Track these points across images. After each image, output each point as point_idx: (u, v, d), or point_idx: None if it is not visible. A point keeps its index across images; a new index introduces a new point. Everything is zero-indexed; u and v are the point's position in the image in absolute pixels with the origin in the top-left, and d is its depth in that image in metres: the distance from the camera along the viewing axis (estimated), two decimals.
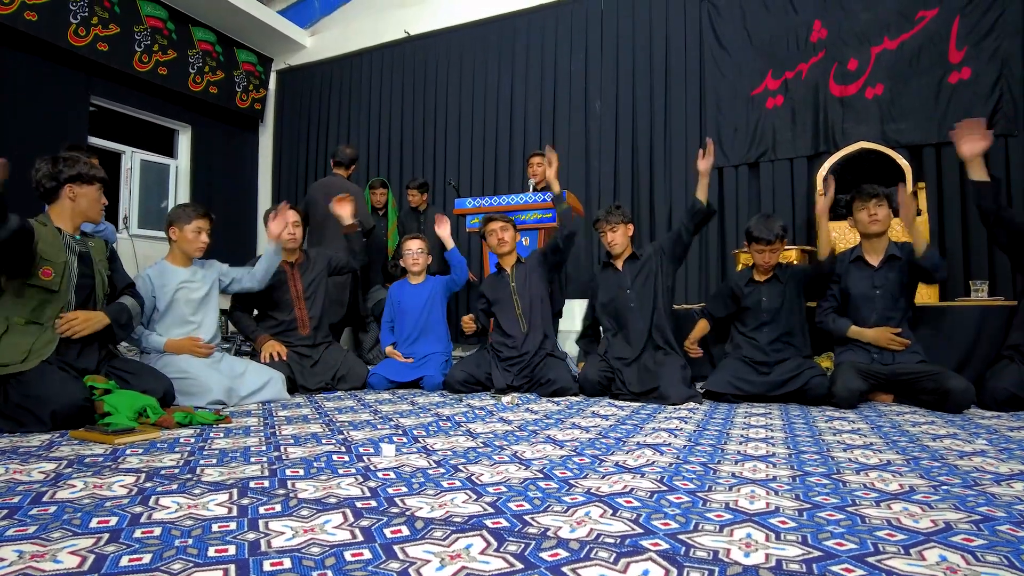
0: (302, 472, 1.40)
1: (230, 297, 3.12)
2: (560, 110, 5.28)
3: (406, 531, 0.99)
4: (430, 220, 4.80)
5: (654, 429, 2.03)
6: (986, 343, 2.87)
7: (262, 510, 1.10)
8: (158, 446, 1.69)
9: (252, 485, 1.27)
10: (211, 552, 0.89)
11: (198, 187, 6.15)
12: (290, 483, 1.29)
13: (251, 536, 0.96)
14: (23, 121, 4.58)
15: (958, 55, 3.92)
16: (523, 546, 0.93)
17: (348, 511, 1.10)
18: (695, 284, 4.62)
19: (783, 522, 1.06)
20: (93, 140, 5.25)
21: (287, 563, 0.85)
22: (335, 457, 1.56)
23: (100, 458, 1.52)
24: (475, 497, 1.20)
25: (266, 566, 0.84)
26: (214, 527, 1.00)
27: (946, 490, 1.28)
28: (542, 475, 1.39)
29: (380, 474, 1.39)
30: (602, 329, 3.13)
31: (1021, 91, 3.77)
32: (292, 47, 6.65)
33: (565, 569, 0.84)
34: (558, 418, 2.25)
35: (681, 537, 0.98)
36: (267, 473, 1.38)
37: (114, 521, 1.03)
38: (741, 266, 3.61)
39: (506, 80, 5.52)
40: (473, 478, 1.35)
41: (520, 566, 0.85)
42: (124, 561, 0.86)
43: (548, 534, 0.99)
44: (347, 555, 0.89)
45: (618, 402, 2.73)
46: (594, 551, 0.91)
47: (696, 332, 3.12)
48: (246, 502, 1.15)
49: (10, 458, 1.52)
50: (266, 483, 1.29)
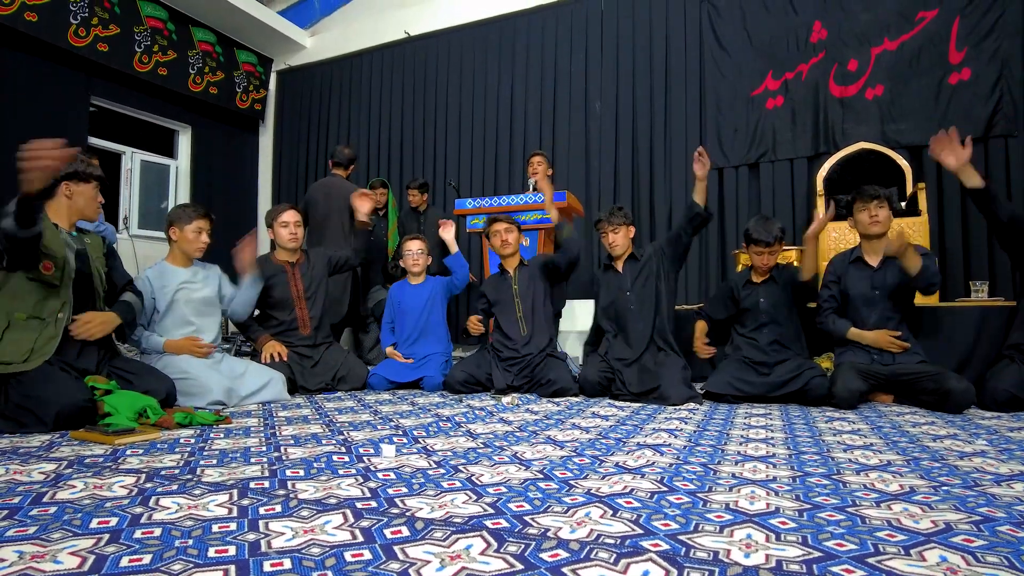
0: (302, 473, 1.40)
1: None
2: (560, 110, 5.28)
3: (406, 532, 0.99)
4: (430, 220, 4.80)
5: (654, 430, 2.03)
6: (986, 343, 2.87)
7: (262, 511, 1.10)
8: (158, 447, 1.69)
9: (252, 486, 1.27)
10: (211, 553, 0.89)
11: (198, 188, 6.16)
12: (290, 484, 1.29)
13: (251, 537, 0.96)
14: (23, 121, 4.58)
15: (958, 56, 3.92)
16: (523, 547, 0.93)
17: (348, 512, 1.10)
18: (695, 284, 4.63)
19: (783, 523, 1.06)
20: (93, 140, 5.26)
21: (287, 564, 0.85)
22: (335, 458, 1.56)
23: (100, 459, 1.52)
24: (475, 498, 1.20)
25: (266, 567, 0.84)
26: (214, 528, 1.00)
27: (946, 491, 1.28)
28: (542, 476, 1.39)
29: (380, 475, 1.39)
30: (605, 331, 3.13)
31: (1021, 92, 3.77)
32: (292, 47, 6.66)
33: (565, 570, 0.84)
34: (558, 419, 2.25)
35: (681, 538, 0.98)
36: (267, 474, 1.38)
37: (114, 522, 1.03)
38: (741, 267, 3.61)
39: (506, 80, 5.53)
40: (473, 479, 1.35)
41: (520, 567, 0.85)
42: (124, 562, 0.86)
43: (548, 535, 0.99)
44: (347, 556, 0.89)
45: (618, 403, 2.73)
46: (594, 552, 0.91)
47: (699, 334, 3.11)
48: (246, 503, 1.15)
49: (10, 458, 1.52)
50: (266, 484, 1.29)
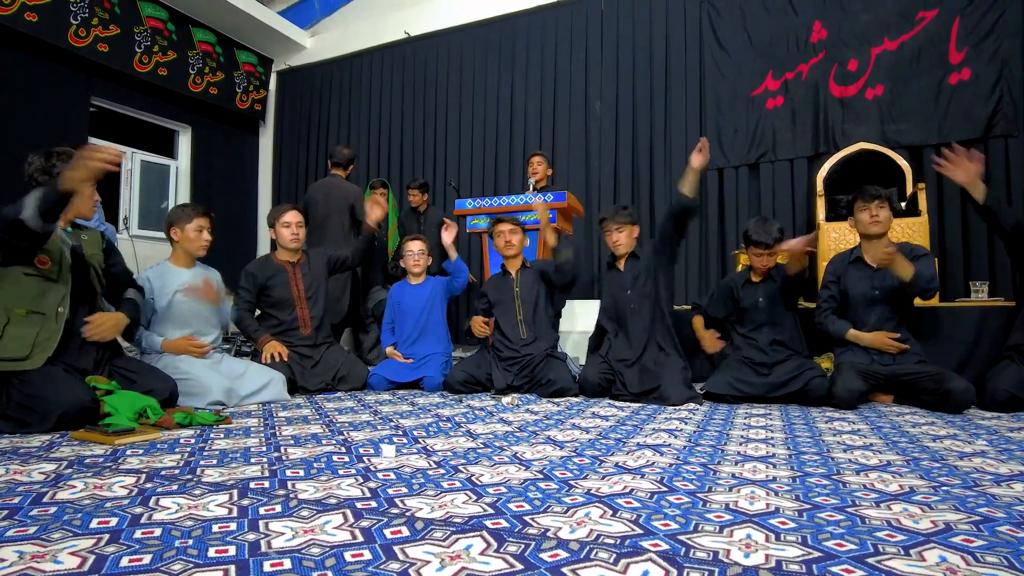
0: (302, 473, 1.40)
1: (233, 297, 3.13)
2: (560, 110, 5.28)
3: (406, 532, 1.00)
4: (430, 220, 4.80)
5: (654, 430, 2.03)
6: (986, 344, 2.87)
7: (262, 511, 1.10)
8: (158, 447, 1.69)
9: (252, 486, 1.27)
10: (211, 553, 0.89)
11: (198, 188, 6.16)
12: (290, 484, 1.29)
13: (251, 537, 0.96)
14: (23, 121, 4.58)
15: (958, 56, 3.92)
16: (523, 547, 0.93)
17: (348, 512, 1.10)
18: (695, 284, 4.63)
19: (783, 523, 1.06)
20: (93, 141, 5.25)
21: (287, 564, 0.86)
22: (335, 458, 1.56)
23: (100, 459, 1.52)
24: (475, 498, 1.20)
25: (266, 567, 0.84)
26: (214, 528, 1.00)
27: (946, 491, 1.28)
28: (542, 476, 1.39)
29: (380, 475, 1.39)
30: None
31: (1021, 92, 3.78)
32: (292, 48, 6.66)
33: (565, 570, 0.84)
34: (558, 419, 2.25)
35: (681, 538, 0.98)
36: (267, 474, 1.38)
37: (114, 522, 1.03)
38: (741, 267, 3.61)
39: (506, 81, 5.53)
40: (473, 479, 1.36)
41: (520, 567, 0.85)
42: (124, 562, 0.86)
43: (548, 535, 0.99)
44: (347, 556, 0.89)
45: (618, 403, 2.73)
46: (594, 552, 0.91)
47: (701, 328, 3.09)
48: (246, 503, 1.15)
49: (10, 459, 1.52)
50: (266, 484, 1.29)
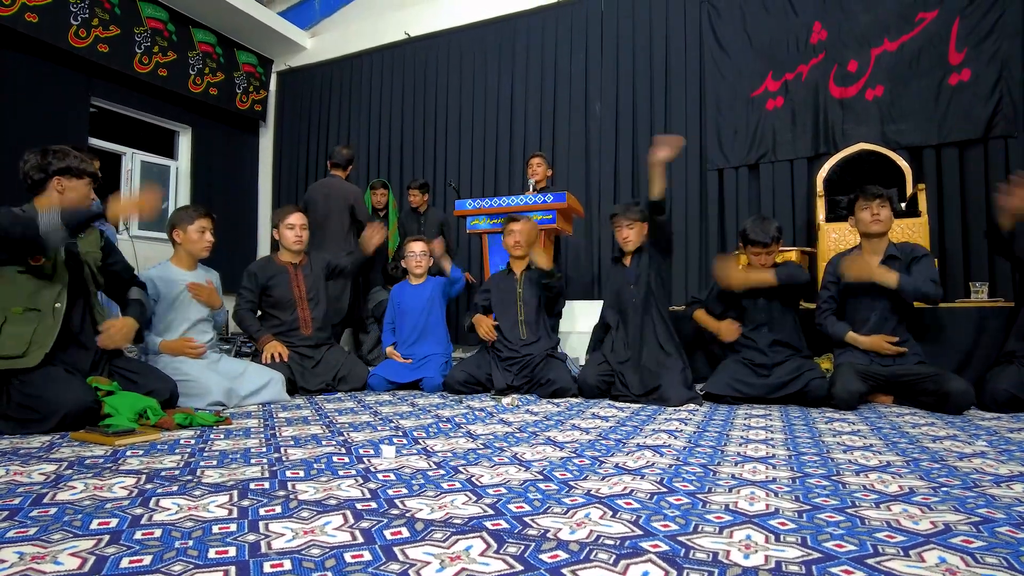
0: (302, 474, 1.40)
1: (235, 297, 3.13)
2: (560, 111, 5.28)
3: (406, 533, 1.00)
4: (431, 221, 4.82)
5: (654, 431, 2.03)
6: (986, 345, 2.87)
7: (262, 512, 1.10)
8: (158, 448, 1.69)
9: (252, 487, 1.27)
10: (211, 554, 0.89)
11: (198, 188, 6.16)
12: (290, 485, 1.29)
13: (251, 538, 0.96)
14: (23, 122, 4.59)
15: (958, 57, 3.92)
16: (523, 548, 0.93)
17: (348, 513, 1.10)
18: (695, 284, 4.63)
19: (783, 524, 1.06)
20: (93, 141, 5.26)
21: (287, 565, 0.86)
22: (335, 459, 1.56)
23: (100, 460, 1.52)
24: (475, 499, 1.20)
25: (266, 568, 0.85)
26: (214, 529, 1.00)
27: (946, 492, 1.28)
28: (542, 477, 1.39)
29: (380, 476, 1.39)
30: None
31: (1021, 93, 3.78)
32: (292, 48, 6.67)
33: (565, 571, 0.85)
34: (558, 419, 2.25)
35: (681, 539, 0.98)
36: (267, 475, 1.38)
37: (114, 523, 1.03)
38: (742, 267, 3.61)
39: (506, 81, 5.53)
40: (473, 480, 1.36)
41: (520, 568, 0.86)
42: (125, 563, 0.86)
43: (548, 536, 0.99)
44: (347, 557, 0.89)
45: (618, 403, 2.73)
46: (594, 553, 0.91)
47: (710, 320, 3.02)
48: (246, 504, 1.15)
49: (11, 459, 1.52)
50: (266, 485, 1.29)
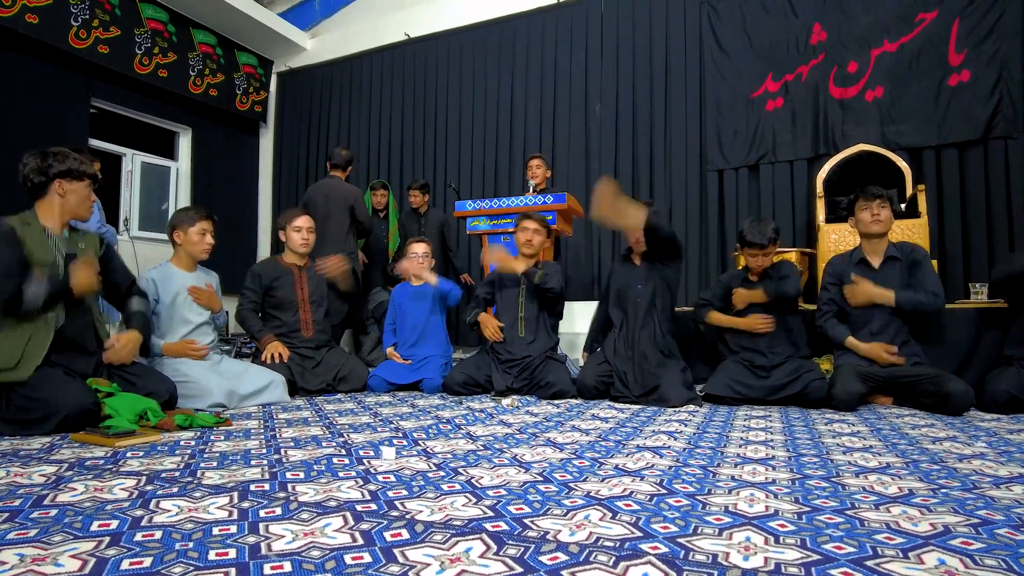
0: (302, 475, 1.40)
1: (238, 296, 3.14)
2: (560, 112, 5.28)
3: (406, 534, 1.00)
4: (431, 222, 4.82)
5: (654, 432, 2.03)
6: (986, 346, 2.87)
7: (262, 513, 1.10)
8: (159, 449, 1.69)
9: (252, 488, 1.28)
10: (212, 555, 0.90)
11: (199, 189, 6.16)
12: (290, 486, 1.30)
13: (251, 539, 0.96)
14: (24, 123, 4.59)
15: (958, 57, 3.93)
16: (523, 549, 0.93)
17: (348, 514, 1.10)
18: (695, 285, 4.63)
19: (782, 525, 1.06)
20: (94, 142, 5.26)
21: (287, 566, 0.86)
22: (335, 460, 1.57)
23: (101, 461, 1.52)
24: (475, 500, 1.20)
25: (266, 569, 0.85)
26: (215, 530, 1.00)
27: (945, 493, 1.28)
28: (542, 478, 1.39)
29: (380, 477, 1.39)
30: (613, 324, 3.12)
31: (1021, 93, 3.78)
32: (293, 49, 6.67)
33: (564, 572, 0.85)
34: (558, 421, 2.25)
35: (680, 541, 0.98)
36: (267, 476, 1.38)
37: (115, 524, 1.03)
38: (741, 267, 3.61)
39: (506, 82, 5.53)
40: (473, 481, 1.36)
41: (520, 570, 0.86)
42: (125, 564, 0.86)
43: (548, 537, 0.99)
44: (347, 558, 0.89)
45: (618, 404, 2.73)
46: (593, 554, 0.91)
47: (729, 318, 2.93)
48: (246, 505, 1.15)
49: (11, 461, 1.52)
50: (266, 486, 1.29)
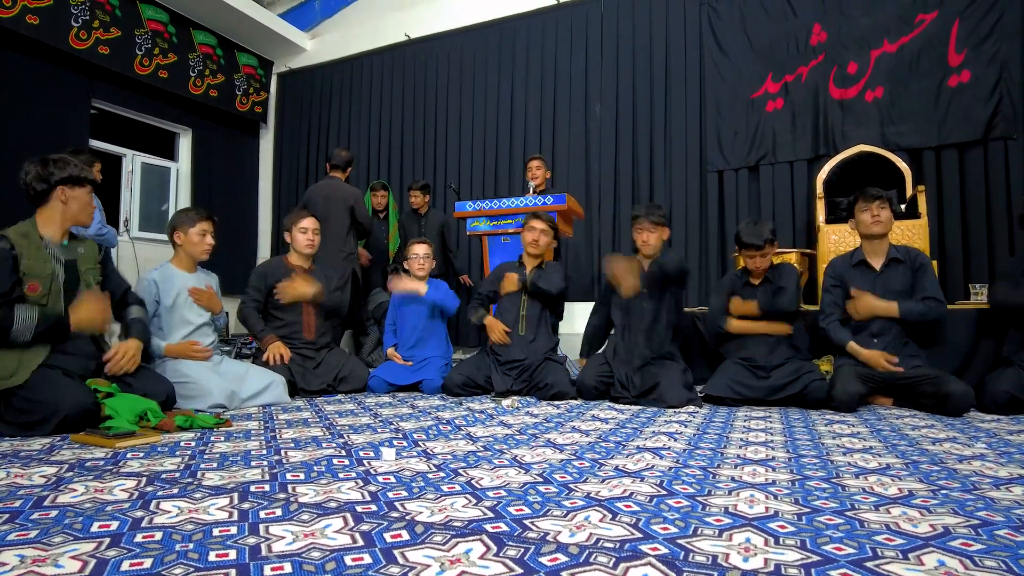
0: (302, 476, 1.40)
1: (241, 296, 3.14)
2: (560, 113, 5.28)
3: (406, 535, 1.00)
4: (431, 223, 4.83)
5: (654, 433, 2.03)
6: (985, 346, 2.87)
7: (263, 514, 1.10)
8: (159, 450, 1.69)
9: (253, 489, 1.28)
10: (212, 557, 0.90)
11: (199, 190, 6.16)
12: (291, 487, 1.30)
13: (252, 540, 0.97)
14: (24, 124, 4.59)
15: (958, 58, 3.93)
16: (523, 551, 0.93)
17: (348, 515, 1.10)
18: (695, 287, 4.63)
19: (782, 526, 1.06)
20: (94, 143, 5.27)
21: (287, 568, 0.86)
22: (335, 461, 1.57)
23: (101, 462, 1.53)
24: (475, 501, 1.20)
25: (267, 571, 0.85)
26: (215, 531, 1.01)
27: (945, 494, 1.28)
28: (542, 479, 1.39)
29: (380, 478, 1.39)
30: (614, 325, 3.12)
31: (1020, 94, 3.78)
32: (293, 50, 6.67)
33: (564, 574, 0.85)
34: (558, 422, 2.25)
35: (680, 542, 0.98)
36: (268, 477, 1.39)
37: (115, 525, 1.03)
38: (741, 268, 3.61)
39: (506, 83, 5.53)
40: (473, 482, 1.36)
41: (520, 571, 0.86)
42: (125, 566, 0.86)
43: (548, 538, 0.99)
44: (347, 560, 0.89)
45: (618, 405, 2.73)
46: (593, 556, 0.91)
47: (759, 326, 2.88)
48: (247, 506, 1.15)
49: (11, 462, 1.52)
50: (267, 487, 1.30)
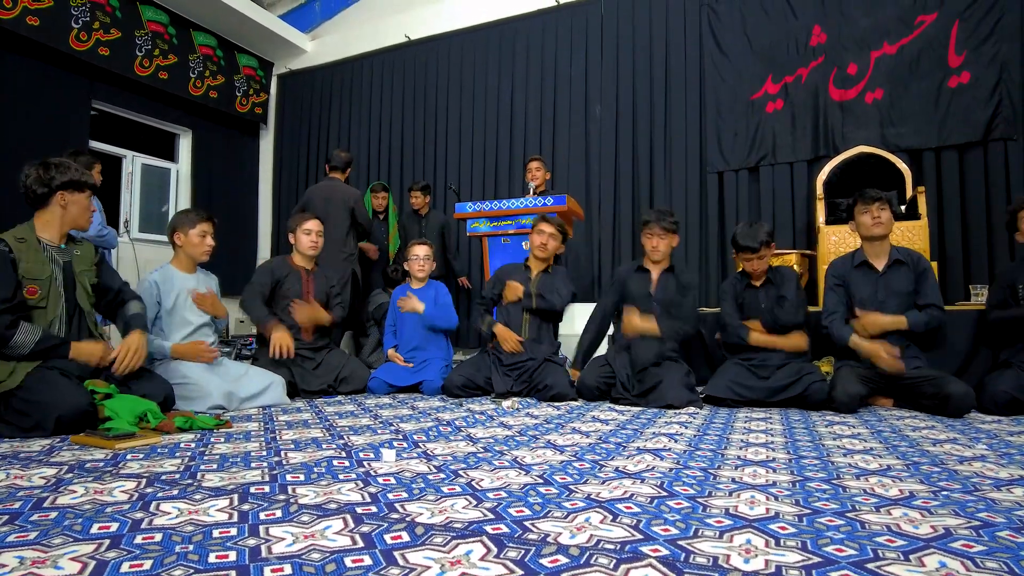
0: (302, 477, 1.40)
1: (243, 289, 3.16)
2: (560, 114, 5.28)
3: (406, 537, 1.00)
4: (432, 224, 4.83)
5: (654, 434, 2.03)
6: (985, 348, 2.87)
7: (263, 516, 1.10)
8: (159, 451, 1.69)
9: (253, 490, 1.27)
10: (212, 558, 0.89)
11: (199, 191, 6.16)
12: (290, 488, 1.29)
13: (252, 542, 0.96)
14: (25, 125, 4.59)
15: (957, 59, 3.93)
16: (523, 552, 0.93)
17: (348, 517, 1.10)
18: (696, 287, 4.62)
19: (783, 528, 1.06)
20: (94, 144, 5.27)
21: (288, 569, 0.86)
22: (335, 462, 1.56)
23: (101, 463, 1.52)
24: (475, 503, 1.20)
25: (267, 572, 0.85)
26: (215, 533, 1.00)
27: (946, 495, 1.28)
28: (542, 480, 1.39)
29: (380, 479, 1.39)
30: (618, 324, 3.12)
31: (1020, 95, 3.78)
32: (293, 51, 6.68)
33: (565, 575, 0.85)
34: (558, 423, 2.25)
35: (681, 543, 0.98)
36: (267, 478, 1.38)
37: (115, 527, 1.03)
38: (740, 270, 3.61)
39: (506, 84, 5.53)
40: (473, 483, 1.36)
41: (520, 572, 0.86)
42: (125, 567, 0.86)
43: (548, 540, 0.99)
44: (347, 561, 0.89)
45: (618, 407, 2.73)
46: (594, 557, 0.91)
47: (765, 339, 2.84)
48: (247, 508, 1.15)
49: (11, 463, 1.52)
50: (267, 488, 1.29)
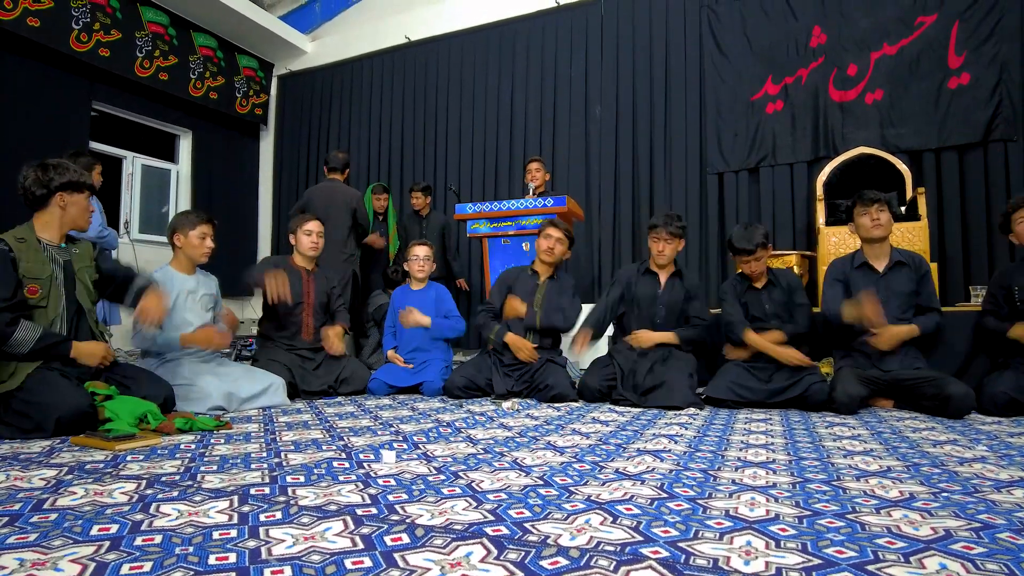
0: (303, 479, 1.40)
1: (235, 302, 3.14)
2: (560, 115, 5.29)
3: (406, 539, 1.00)
4: (432, 224, 4.83)
5: (654, 435, 2.03)
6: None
7: (263, 517, 1.10)
8: (159, 452, 1.69)
9: (253, 492, 1.27)
10: (212, 560, 0.89)
11: (199, 192, 6.16)
12: (291, 490, 1.29)
13: (252, 544, 0.96)
14: (25, 126, 4.59)
15: (957, 60, 3.93)
16: (523, 554, 0.93)
17: (348, 518, 1.10)
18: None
19: (783, 529, 1.06)
20: (94, 145, 5.27)
21: (287, 571, 0.86)
22: (335, 464, 1.56)
23: (101, 464, 1.52)
24: (475, 504, 1.20)
25: (267, 574, 0.85)
26: (215, 534, 1.00)
27: (946, 497, 1.28)
28: (542, 482, 1.39)
29: (380, 481, 1.39)
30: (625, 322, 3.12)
31: (1020, 96, 3.78)
32: (293, 52, 6.68)
33: None
34: (559, 424, 2.25)
35: (681, 545, 0.98)
36: (268, 480, 1.38)
37: (115, 528, 1.03)
38: (739, 272, 3.61)
39: (506, 85, 5.54)
40: (473, 485, 1.36)
41: (520, 574, 0.86)
42: (125, 569, 0.86)
43: (548, 542, 0.99)
44: (347, 563, 0.89)
45: (619, 408, 2.73)
46: (594, 559, 0.91)
47: (762, 342, 2.78)
48: (247, 509, 1.15)
49: (11, 465, 1.52)
50: (267, 490, 1.29)
